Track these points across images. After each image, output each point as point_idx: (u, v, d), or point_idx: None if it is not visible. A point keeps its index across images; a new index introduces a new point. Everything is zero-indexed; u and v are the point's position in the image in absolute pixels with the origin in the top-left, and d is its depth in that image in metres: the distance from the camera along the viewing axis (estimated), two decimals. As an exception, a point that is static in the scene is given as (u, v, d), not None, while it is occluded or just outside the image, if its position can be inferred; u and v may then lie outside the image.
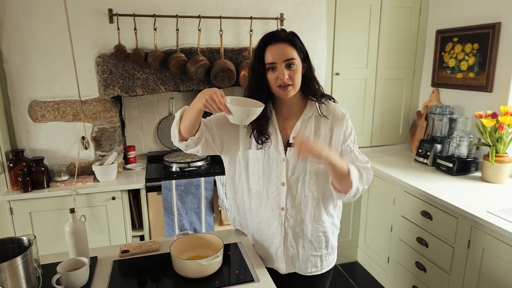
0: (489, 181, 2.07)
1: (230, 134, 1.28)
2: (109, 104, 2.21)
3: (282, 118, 1.28)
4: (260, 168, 1.27)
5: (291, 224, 1.28)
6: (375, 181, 2.47)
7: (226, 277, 1.18)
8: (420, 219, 2.06)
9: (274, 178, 1.26)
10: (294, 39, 1.18)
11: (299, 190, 1.26)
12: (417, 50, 2.71)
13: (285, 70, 1.15)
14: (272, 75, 1.17)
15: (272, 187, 1.27)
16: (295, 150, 1.10)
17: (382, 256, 2.48)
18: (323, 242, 1.33)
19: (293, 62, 1.16)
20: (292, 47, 1.16)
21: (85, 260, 1.16)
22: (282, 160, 1.25)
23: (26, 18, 1.99)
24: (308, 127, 1.26)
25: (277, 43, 1.16)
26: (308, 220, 1.28)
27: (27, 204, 1.98)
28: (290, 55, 1.15)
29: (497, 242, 1.59)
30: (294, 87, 1.18)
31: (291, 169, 1.25)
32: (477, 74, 2.28)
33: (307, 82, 1.24)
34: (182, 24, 2.18)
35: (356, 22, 2.54)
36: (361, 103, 2.70)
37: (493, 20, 2.16)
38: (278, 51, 1.15)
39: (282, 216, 1.28)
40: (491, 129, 2.04)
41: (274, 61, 1.15)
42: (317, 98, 1.25)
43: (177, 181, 2.08)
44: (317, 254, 1.34)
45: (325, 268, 1.38)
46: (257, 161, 1.26)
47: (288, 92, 1.18)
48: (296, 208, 1.27)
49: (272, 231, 1.30)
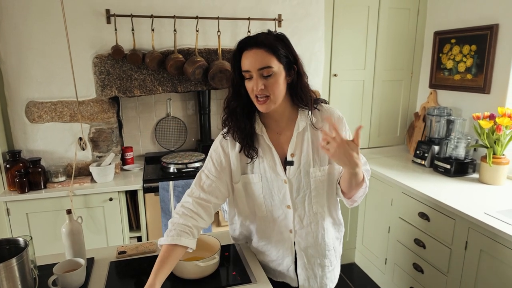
0: (487, 183, 2.07)
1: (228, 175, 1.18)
2: (106, 105, 2.20)
3: (274, 133, 1.15)
4: (260, 194, 1.16)
5: (302, 246, 1.19)
6: (373, 182, 2.47)
7: (224, 278, 1.18)
8: (417, 221, 2.06)
9: (278, 202, 1.16)
10: (275, 43, 1.02)
11: (307, 210, 1.16)
12: (415, 52, 2.72)
13: (260, 80, 1.02)
14: (249, 84, 1.05)
15: (277, 211, 1.17)
16: (331, 148, 0.96)
17: (379, 258, 2.48)
18: (333, 256, 1.27)
19: (269, 71, 1.01)
20: (270, 53, 1.01)
21: (81, 261, 1.15)
22: (284, 182, 1.13)
23: (23, 19, 1.98)
24: (305, 139, 1.14)
25: (252, 48, 1.02)
26: (320, 239, 1.20)
27: (24, 205, 1.97)
28: (265, 63, 1.01)
29: (495, 244, 1.59)
30: (273, 99, 1.05)
31: (295, 189, 1.14)
32: (475, 76, 2.28)
33: (296, 92, 1.09)
34: (180, 25, 2.18)
35: (354, 23, 2.54)
36: (359, 105, 2.70)
37: (491, 22, 2.16)
38: (252, 58, 1.02)
39: (291, 239, 1.19)
40: (489, 131, 2.05)
41: (248, 69, 1.03)
42: (309, 107, 1.13)
43: (174, 182, 2.08)
44: (332, 268, 1.28)
45: (336, 278, 1.32)
46: (255, 186, 1.16)
47: (265, 106, 1.05)
48: (305, 229, 1.18)
49: (282, 253, 1.22)
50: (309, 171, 1.13)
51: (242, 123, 1.12)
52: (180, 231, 1.06)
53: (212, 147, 1.21)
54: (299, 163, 1.13)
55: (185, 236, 1.06)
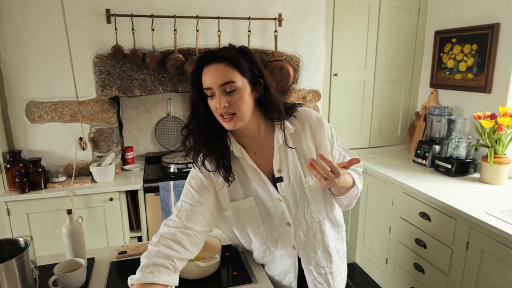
0: (488, 182, 2.07)
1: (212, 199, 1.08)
2: (106, 105, 2.20)
3: (254, 152, 1.09)
4: (257, 216, 1.09)
5: (309, 261, 1.14)
6: (374, 182, 2.47)
7: (224, 278, 1.18)
8: (418, 221, 2.05)
9: (277, 221, 1.10)
10: (237, 57, 0.97)
11: (308, 221, 1.11)
12: (416, 51, 2.72)
13: (223, 97, 0.96)
14: (212, 103, 0.98)
15: (278, 231, 1.11)
16: (319, 178, 0.94)
17: (380, 258, 2.48)
18: (338, 260, 1.22)
19: (232, 87, 0.95)
20: (232, 67, 0.95)
21: (82, 261, 1.15)
22: (279, 200, 1.08)
23: (23, 19, 1.98)
24: (289, 151, 1.08)
25: (212, 63, 0.96)
26: (325, 246, 1.15)
27: (25, 205, 1.97)
28: (227, 78, 0.95)
29: (496, 244, 1.58)
30: (240, 116, 0.98)
31: (293, 205, 1.09)
32: (476, 75, 2.28)
33: (266, 107, 1.03)
34: (180, 25, 2.17)
35: (355, 23, 2.54)
36: (359, 104, 2.70)
37: (492, 21, 2.16)
38: (212, 74, 0.95)
39: (295, 255, 1.13)
40: (490, 130, 2.04)
41: (210, 86, 0.96)
42: (282, 119, 1.06)
43: (175, 182, 2.07)
44: (339, 272, 1.23)
45: (345, 278, 1.28)
46: (251, 209, 1.09)
47: (232, 124, 0.98)
48: (310, 241, 1.12)
49: (284, 269, 1.16)
50: (301, 182, 1.08)
51: (211, 144, 1.04)
52: (157, 266, 0.90)
53: (188, 177, 1.11)
54: (288, 177, 1.08)
55: (164, 272, 0.90)
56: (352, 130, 2.74)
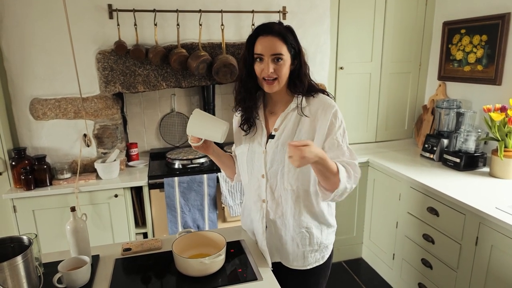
0: (498, 177, 2.03)
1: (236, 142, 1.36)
2: (110, 101, 2.19)
3: (268, 112, 1.30)
4: (244, 162, 1.31)
5: (271, 217, 1.28)
6: (380, 176, 2.44)
7: (229, 275, 1.17)
8: (426, 216, 2.02)
9: (256, 170, 1.28)
10: (287, 34, 1.16)
11: (278, 183, 1.25)
12: (423, 43, 2.66)
13: (271, 64, 1.15)
14: (259, 66, 1.18)
15: (254, 179, 1.29)
16: (287, 154, 1.04)
17: (387, 253, 2.46)
18: (306, 239, 1.28)
19: (280, 57, 1.15)
20: (282, 42, 1.15)
21: (86, 258, 1.15)
22: (262, 152, 1.26)
23: (25, 15, 1.97)
24: (291, 118, 1.23)
25: (268, 35, 1.15)
26: (289, 215, 1.26)
27: (30, 202, 1.97)
28: (278, 50, 1.14)
29: (506, 239, 1.55)
30: (279, 82, 1.18)
31: (269, 161, 1.24)
32: (486, 67, 2.23)
33: (293, 79, 1.22)
34: (183, 19, 2.15)
35: (361, 15, 2.49)
36: (365, 98, 2.66)
37: (502, 11, 2.10)
38: (267, 44, 1.15)
39: (263, 209, 1.28)
40: (500, 123, 2.00)
41: (262, 53, 1.15)
42: (303, 94, 1.22)
43: (179, 178, 2.07)
44: (300, 250, 1.29)
45: (310, 265, 1.31)
46: (242, 155, 1.31)
47: (272, 87, 1.18)
48: (276, 201, 1.26)
49: (256, 224, 1.31)
50: (285, 147, 1.20)
51: (250, 99, 1.25)
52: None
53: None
54: (279, 137, 1.23)
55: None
56: (358, 124, 2.70)
